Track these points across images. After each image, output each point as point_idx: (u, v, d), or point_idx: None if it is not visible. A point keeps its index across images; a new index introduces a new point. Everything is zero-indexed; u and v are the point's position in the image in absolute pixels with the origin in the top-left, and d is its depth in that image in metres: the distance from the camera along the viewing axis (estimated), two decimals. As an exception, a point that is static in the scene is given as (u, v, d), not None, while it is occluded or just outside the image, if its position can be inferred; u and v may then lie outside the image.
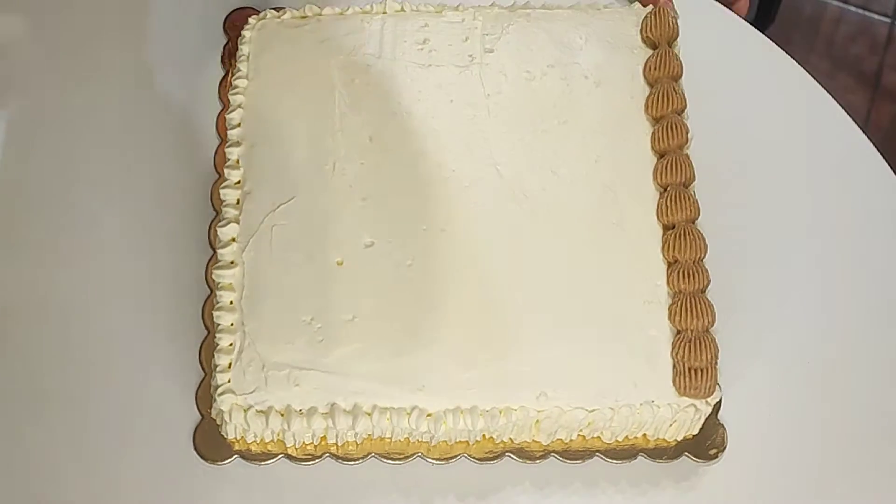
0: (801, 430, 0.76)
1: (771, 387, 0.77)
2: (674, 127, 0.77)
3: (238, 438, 0.70)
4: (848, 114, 0.90)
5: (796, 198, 0.85)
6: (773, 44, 0.93)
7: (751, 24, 0.95)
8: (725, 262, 0.75)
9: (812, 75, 0.91)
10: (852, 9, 1.65)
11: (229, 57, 0.84)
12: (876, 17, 1.65)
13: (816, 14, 1.65)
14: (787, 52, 0.93)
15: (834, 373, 0.78)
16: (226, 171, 0.75)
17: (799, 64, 0.92)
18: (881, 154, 0.87)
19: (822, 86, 0.90)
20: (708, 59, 0.83)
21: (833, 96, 0.90)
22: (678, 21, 0.81)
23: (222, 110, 0.81)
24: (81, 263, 0.79)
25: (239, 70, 0.79)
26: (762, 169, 0.86)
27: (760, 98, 0.89)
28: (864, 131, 0.89)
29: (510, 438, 0.71)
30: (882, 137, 1.54)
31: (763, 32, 0.94)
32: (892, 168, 0.87)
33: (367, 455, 0.71)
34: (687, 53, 0.80)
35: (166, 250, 0.79)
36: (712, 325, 0.71)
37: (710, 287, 0.72)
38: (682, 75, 0.80)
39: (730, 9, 0.94)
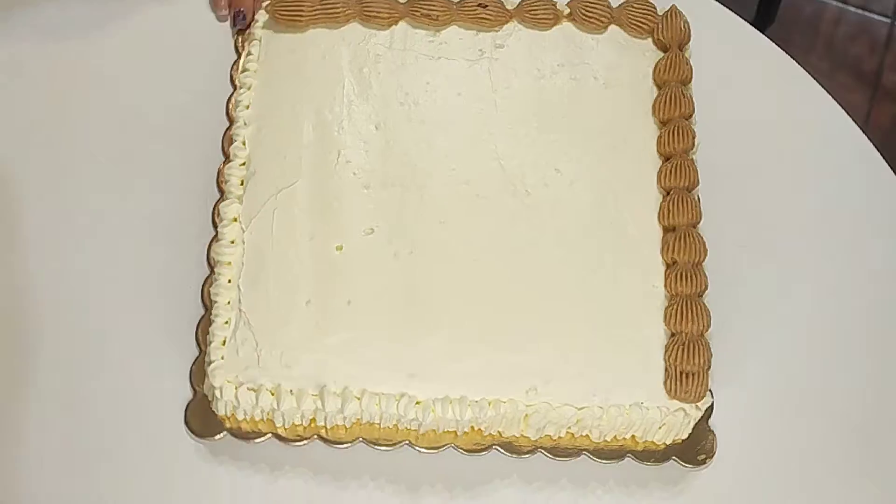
0: (791, 439, 0.76)
1: (763, 394, 0.77)
2: (680, 131, 0.77)
3: (228, 415, 0.70)
4: (848, 114, 0.89)
5: (796, 197, 0.85)
6: (773, 44, 0.93)
7: (751, 24, 0.95)
8: (724, 264, 0.75)
9: (812, 75, 0.91)
10: (852, 9, 1.65)
11: (242, 40, 0.84)
12: (876, 17, 1.64)
13: (816, 14, 1.64)
14: (787, 52, 0.92)
15: (828, 380, 0.78)
16: (232, 151, 0.76)
17: (799, 64, 0.92)
18: (881, 154, 0.87)
19: (822, 86, 0.90)
20: (708, 60, 0.83)
21: (833, 96, 0.90)
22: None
23: (233, 93, 0.81)
24: (87, 242, 0.79)
25: (250, 53, 0.80)
26: (761, 169, 0.86)
27: (760, 98, 0.89)
28: (864, 131, 0.89)
29: (498, 432, 0.71)
30: (882, 137, 1.53)
31: (763, 32, 0.94)
32: (892, 168, 0.87)
33: (355, 439, 0.71)
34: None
35: (172, 233, 0.79)
36: (707, 330, 0.71)
37: (707, 292, 0.72)
38: (691, 79, 0.80)
39: None
